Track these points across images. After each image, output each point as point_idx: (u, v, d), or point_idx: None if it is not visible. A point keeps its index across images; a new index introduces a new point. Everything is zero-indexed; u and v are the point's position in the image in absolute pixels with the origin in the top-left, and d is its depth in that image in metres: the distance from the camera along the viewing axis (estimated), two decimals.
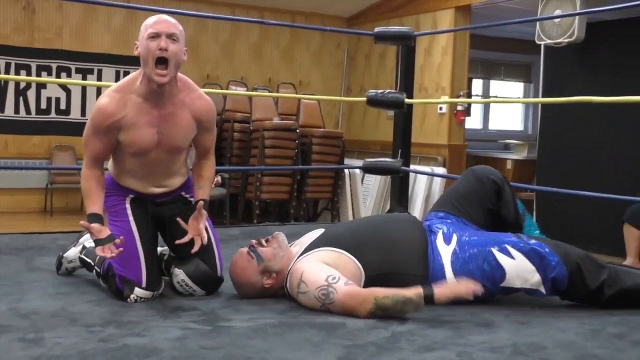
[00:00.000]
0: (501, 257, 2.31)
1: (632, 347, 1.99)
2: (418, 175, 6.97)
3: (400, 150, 4.22)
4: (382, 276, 2.30)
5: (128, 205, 2.45)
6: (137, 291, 2.34)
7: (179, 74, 2.37)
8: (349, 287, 2.20)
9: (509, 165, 7.90)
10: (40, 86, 7.32)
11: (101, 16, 7.53)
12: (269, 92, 7.70)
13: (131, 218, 2.42)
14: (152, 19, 2.30)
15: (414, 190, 7.07)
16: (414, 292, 2.13)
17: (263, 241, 2.41)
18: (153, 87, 2.29)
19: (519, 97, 9.99)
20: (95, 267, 2.54)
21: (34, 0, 7.28)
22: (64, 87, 7.40)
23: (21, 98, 7.34)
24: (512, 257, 2.30)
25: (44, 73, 7.30)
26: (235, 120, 7.35)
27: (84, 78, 7.41)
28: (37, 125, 7.33)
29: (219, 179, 6.82)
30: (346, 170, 7.16)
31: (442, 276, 2.32)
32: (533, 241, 2.34)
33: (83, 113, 7.54)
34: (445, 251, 2.36)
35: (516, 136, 9.35)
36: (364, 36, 8.15)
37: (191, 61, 7.98)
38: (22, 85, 7.32)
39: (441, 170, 7.14)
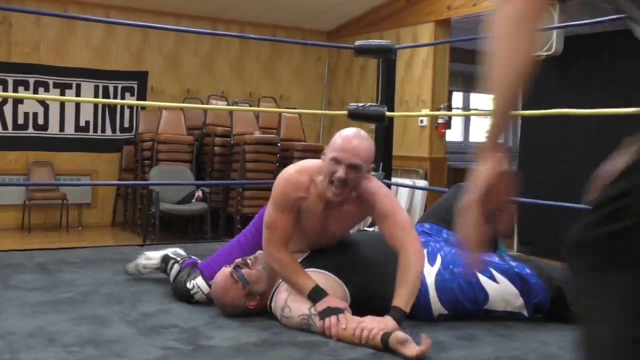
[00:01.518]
0: (485, 281, 2.32)
1: None
2: (400, 188, 6.99)
3: (381, 163, 4.22)
4: (367, 299, 2.28)
5: None
6: (200, 280, 2.50)
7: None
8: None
9: None
10: (18, 101, 7.25)
11: (80, 31, 7.49)
12: (250, 106, 7.69)
13: None
14: (341, 139, 2.26)
15: None
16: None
17: (248, 261, 2.39)
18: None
19: None
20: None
21: (10, 14, 7.22)
22: (41, 102, 7.35)
23: None
24: (495, 281, 2.32)
25: (20, 88, 7.23)
26: (216, 134, 7.33)
27: (62, 93, 7.36)
28: (14, 140, 7.26)
29: (199, 193, 6.79)
30: None
31: (426, 297, 2.32)
32: (515, 263, 2.36)
33: (61, 128, 7.48)
34: (429, 272, 2.36)
35: None
36: (345, 50, 8.17)
37: (171, 75, 7.98)
38: None
39: (423, 183, 7.16)
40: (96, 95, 7.52)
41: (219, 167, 7.27)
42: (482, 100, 9.96)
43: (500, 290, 2.31)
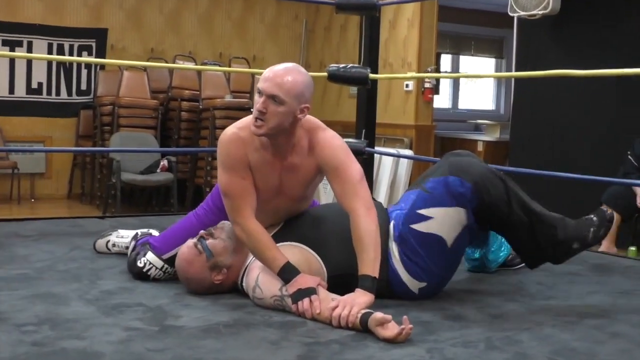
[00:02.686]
0: (423, 226, 2.33)
1: (611, 339, 2.03)
2: (383, 158, 7.00)
3: (364, 131, 4.22)
4: (344, 276, 2.29)
5: None
6: (150, 255, 2.53)
7: (307, 118, 2.34)
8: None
9: (480, 147, 7.99)
10: None
11: None
12: (220, 67, 7.62)
13: None
14: (268, 71, 2.28)
15: (379, 174, 7.10)
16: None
17: (213, 232, 2.39)
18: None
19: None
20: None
21: None
22: None
23: None
24: (429, 218, 2.33)
25: None
26: (182, 98, 7.27)
27: (12, 51, 7.23)
28: None
29: (165, 162, 6.75)
30: None
31: (399, 279, 2.33)
32: (430, 184, 2.37)
33: (11, 90, 7.37)
34: (394, 251, 2.36)
35: (488, 116, 9.45)
36: (324, 6, 8.10)
37: (134, 33, 7.87)
38: None
39: (408, 152, 7.17)
40: (50, 53, 7.40)
41: (186, 134, 7.22)
42: (473, 64, 9.97)
43: (442, 222, 2.33)
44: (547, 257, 2.44)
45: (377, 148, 4.79)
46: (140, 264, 2.55)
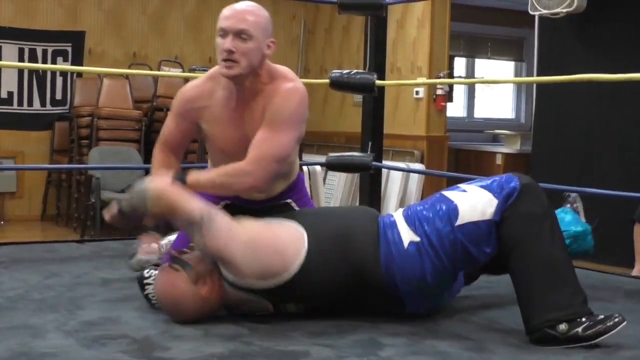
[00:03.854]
0: (451, 193, 2.43)
1: None
2: (391, 172, 7.01)
3: (370, 143, 4.24)
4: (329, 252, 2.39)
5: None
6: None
7: (273, 66, 2.56)
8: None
9: (498, 160, 8.01)
10: None
11: None
12: None
13: None
14: (225, 11, 2.50)
15: (387, 191, 7.11)
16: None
17: (184, 249, 2.46)
18: (230, 80, 2.50)
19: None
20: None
21: None
22: None
23: None
24: (463, 190, 2.42)
25: None
26: (169, 108, 7.26)
27: None
28: None
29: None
30: (305, 167, 7.15)
31: (393, 225, 2.42)
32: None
33: None
34: (397, 217, 2.47)
35: (507, 125, 9.46)
36: (325, 5, 8.15)
37: (114, 37, 7.91)
38: None
39: (418, 166, 7.19)
40: (21, 61, 7.42)
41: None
42: (490, 67, 10.01)
43: (469, 198, 2.37)
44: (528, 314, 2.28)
45: (384, 162, 4.81)
46: (146, 272, 2.58)
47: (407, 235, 2.39)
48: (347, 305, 2.48)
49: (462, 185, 2.47)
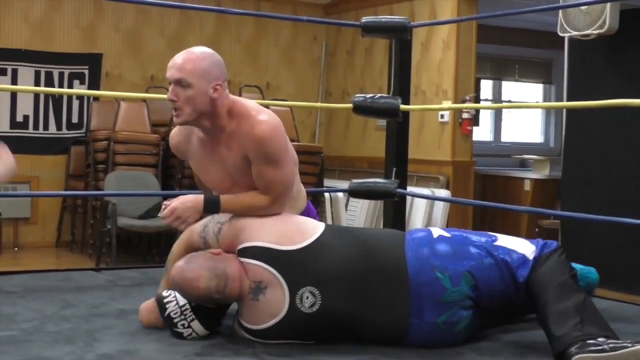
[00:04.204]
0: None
1: None
2: (416, 199, 7.00)
3: (394, 169, 4.23)
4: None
5: None
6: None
7: (236, 103, 2.69)
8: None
9: (526, 186, 7.98)
10: None
11: (17, 3, 7.49)
12: None
13: None
14: (170, 62, 2.66)
15: (411, 218, 7.10)
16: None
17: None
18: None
19: (537, 102, 10.10)
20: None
21: None
22: None
23: None
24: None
25: None
26: None
27: None
28: None
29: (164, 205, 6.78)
30: (326, 194, 7.16)
31: (427, 230, 2.67)
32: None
33: None
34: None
35: (535, 150, 9.44)
36: (347, 27, 8.19)
37: (132, 59, 7.99)
38: None
39: (444, 192, 7.17)
40: (37, 84, 7.51)
41: (191, 173, 7.20)
42: (517, 90, 10.00)
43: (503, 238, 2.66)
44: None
45: (409, 189, 4.80)
46: (166, 292, 2.66)
47: (438, 231, 2.64)
48: (361, 302, 2.54)
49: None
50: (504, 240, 2.64)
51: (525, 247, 2.61)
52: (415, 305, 2.50)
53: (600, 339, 2.34)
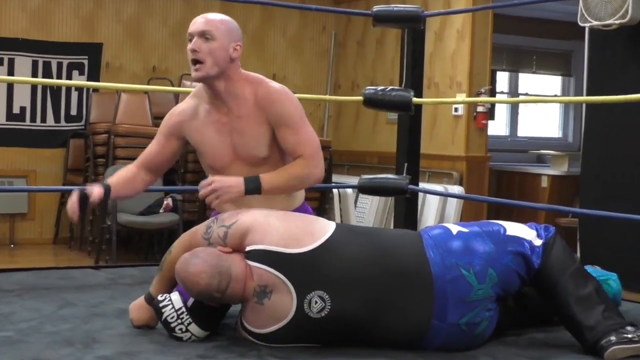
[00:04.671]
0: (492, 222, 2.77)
1: None
2: (428, 196, 6.99)
3: (406, 164, 4.23)
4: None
5: None
6: (174, 294, 2.64)
7: (242, 71, 2.85)
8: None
9: (544, 183, 7.95)
10: None
11: None
12: None
13: None
14: (193, 21, 2.82)
15: (423, 216, 7.09)
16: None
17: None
18: (206, 88, 2.80)
19: (556, 95, 10.08)
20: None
21: None
22: None
23: None
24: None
25: None
26: None
27: None
28: None
29: (169, 201, 6.81)
30: (335, 191, 7.15)
31: (435, 226, 2.71)
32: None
33: None
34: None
35: (553, 145, 9.41)
36: (357, 17, 8.18)
37: (133, 49, 8.00)
38: None
39: (457, 189, 7.16)
40: (34, 74, 7.52)
41: (194, 168, 7.27)
42: (535, 82, 9.98)
43: (509, 225, 2.72)
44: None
45: (421, 185, 4.80)
46: (161, 297, 2.67)
47: (455, 227, 2.67)
48: (377, 305, 2.53)
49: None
50: (512, 229, 2.68)
51: (528, 233, 2.68)
52: (439, 306, 2.49)
53: (628, 328, 2.50)
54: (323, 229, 2.61)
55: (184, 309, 2.61)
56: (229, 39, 2.79)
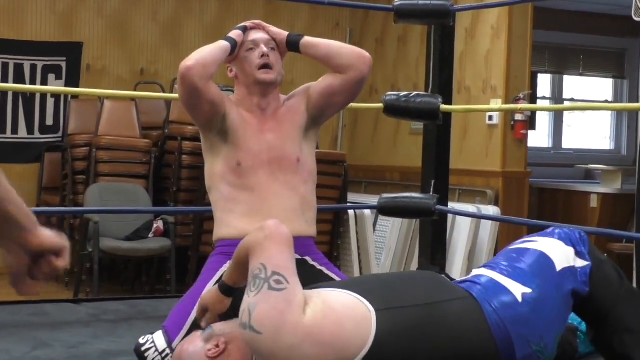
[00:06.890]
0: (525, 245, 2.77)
1: None
2: (458, 218, 6.98)
3: (433, 181, 4.23)
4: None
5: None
6: (157, 335, 2.68)
7: None
8: None
9: (593, 202, 7.93)
10: None
11: None
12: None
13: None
14: (248, 24, 3.25)
15: (453, 240, 7.08)
16: None
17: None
18: (256, 92, 3.10)
19: (606, 100, 10.06)
20: None
21: None
22: None
23: None
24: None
25: None
26: (184, 137, 7.33)
27: None
28: None
29: (159, 224, 6.81)
30: (351, 212, 7.15)
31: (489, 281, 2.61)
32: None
33: None
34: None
35: (604, 159, 9.40)
36: (376, 11, 8.20)
37: (117, 49, 8.03)
38: None
39: (492, 209, 7.15)
40: (4, 79, 7.56)
41: (189, 185, 7.28)
42: (582, 86, 9.96)
43: (545, 244, 2.70)
44: None
45: (450, 205, 4.80)
46: (142, 339, 2.68)
47: (516, 288, 2.57)
48: None
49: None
50: (556, 257, 2.66)
51: (568, 254, 2.68)
52: None
53: None
54: (361, 337, 2.36)
55: (168, 351, 2.62)
56: (283, 53, 3.26)
